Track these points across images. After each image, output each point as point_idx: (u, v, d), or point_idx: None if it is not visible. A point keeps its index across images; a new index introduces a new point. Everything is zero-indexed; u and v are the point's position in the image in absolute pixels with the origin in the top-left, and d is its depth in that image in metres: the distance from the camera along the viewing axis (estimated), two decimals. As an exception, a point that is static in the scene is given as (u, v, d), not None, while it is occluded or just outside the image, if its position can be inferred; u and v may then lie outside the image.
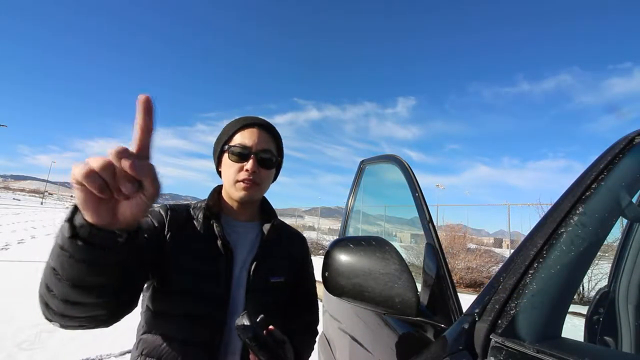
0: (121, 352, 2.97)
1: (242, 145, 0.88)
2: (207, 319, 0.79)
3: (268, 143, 0.91)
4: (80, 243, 0.47)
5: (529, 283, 0.53)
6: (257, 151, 0.88)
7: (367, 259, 0.81)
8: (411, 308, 0.75)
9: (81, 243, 0.47)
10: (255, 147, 0.88)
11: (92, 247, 0.48)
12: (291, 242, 0.99)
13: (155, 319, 0.80)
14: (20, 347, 2.89)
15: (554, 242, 0.55)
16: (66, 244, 0.48)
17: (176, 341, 0.77)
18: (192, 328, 0.78)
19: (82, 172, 0.42)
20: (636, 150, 0.63)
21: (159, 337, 0.79)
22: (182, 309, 0.78)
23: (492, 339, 0.49)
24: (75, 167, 0.43)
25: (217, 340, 0.79)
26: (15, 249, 7.58)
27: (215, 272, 0.82)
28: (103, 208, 0.46)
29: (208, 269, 0.81)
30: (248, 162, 0.87)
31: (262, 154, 0.88)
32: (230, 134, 0.91)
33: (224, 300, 0.81)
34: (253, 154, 0.87)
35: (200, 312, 0.79)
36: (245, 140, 0.88)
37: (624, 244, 1.18)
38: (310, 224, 22.58)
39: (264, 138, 0.90)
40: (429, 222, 1.03)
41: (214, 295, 0.80)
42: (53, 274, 0.51)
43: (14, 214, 20.31)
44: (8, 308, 3.74)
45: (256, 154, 0.87)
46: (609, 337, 1.10)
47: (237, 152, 0.88)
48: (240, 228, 0.91)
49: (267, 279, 0.87)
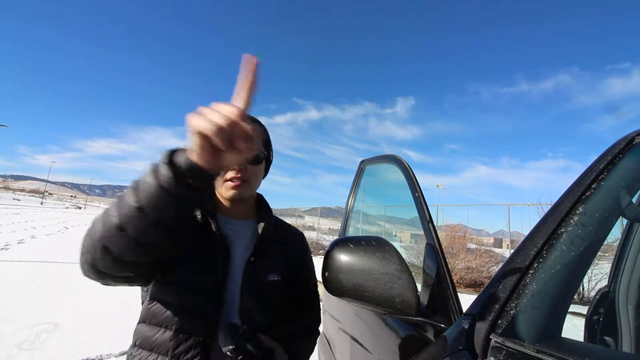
0: (121, 352, 2.97)
1: None
2: (201, 312, 0.79)
3: None
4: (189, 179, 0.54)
5: (529, 283, 0.53)
6: None
7: (367, 259, 0.81)
8: (411, 308, 0.75)
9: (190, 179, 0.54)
10: None
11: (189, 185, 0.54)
12: (289, 239, 0.98)
13: (151, 310, 0.80)
14: (20, 347, 2.88)
15: (554, 242, 0.55)
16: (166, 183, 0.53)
17: (169, 332, 0.77)
18: (186, 320, 0.78)
19: (211, 126, 0.48)
20: (636, 150, 0.63)
21: (152, 327, 0.79)
22: (178, 300, 0.79)
23: (492, 339, 0.49)
24: (200, 120, 0.48)
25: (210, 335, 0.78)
26: (15, 249, 7.58)
27: (212, 267, 0.82)
28: (217, 156, 0.52)
29: (205, 263, 0.81)
30: None
31: None
32: None
33: (219, 296, 0.81)
34: None
35: (194, 305, 0.79)
36: None
37: (624, 244, 1.18)
38: (310, 224, 22.56)
39: None
40: (429, 222, 1.03)
41: (209, 290, 0.80)
42: (117, 232, 0.56)
43: (14, 214, 20.31)
44: (8, 308, 3.74)
45: None
46: (609, 337, 1.10)
47: None
48: (235, 226, 0.91)
49: (264, 278, 0.86)
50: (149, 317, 0.80)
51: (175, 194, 0.54)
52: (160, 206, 0.55)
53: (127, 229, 0.56)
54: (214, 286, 0.81)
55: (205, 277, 0.81)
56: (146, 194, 0.55)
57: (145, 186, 0.55)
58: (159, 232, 0.58)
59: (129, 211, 0.56)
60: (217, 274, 0.82)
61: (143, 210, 0.55)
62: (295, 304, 0.95)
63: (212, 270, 0.82)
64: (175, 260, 0.80)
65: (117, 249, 0.58)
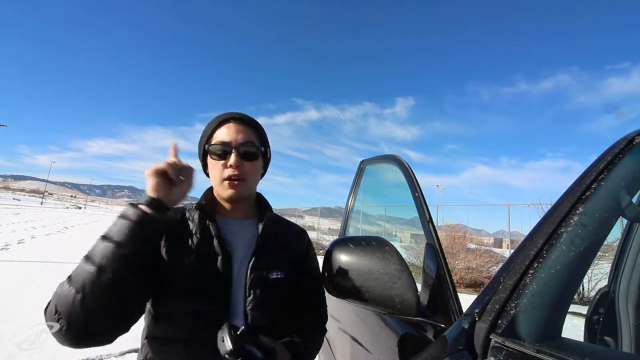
0: (121, 352, 2.97)
1: (221, 142, 0.87)
2: (208, 318, 0.78)
3: (248, 135, 0.89)
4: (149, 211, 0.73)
5: (529, 283, 0.53)
6: (238, 145, 0.86)
7: (367, 259, 0.81)
8: (411, 308, 0.75)
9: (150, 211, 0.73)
10: (235, 141, 0.87)
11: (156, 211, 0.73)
12: (289, 236, 0.97)
13: (157, 322, 0.80)
14: (20, 347, 2.88)
15: (554, 242, 0.55)
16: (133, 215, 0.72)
17: (179, 342, 0.77)
18: (194, 328, 0.77)
19: (165, 166, 0.76)
20: (636, 150, 0.63)
21: (161, 340, 0.78)
22: (183, 309, 0.78)
23: (492, 339, 0.49)
24: (158, 163, 0.76)
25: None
26: (15, 249, 7.58)
27: (215, 271, 0.81)
28: (167, 190, 0.77)
29: (207, 268, 0.81)
30: (230, 158, 0.85)
31: (243, 147, 0.87)
32: (208, 133, 0.90)
33: (225, 300, 0.80)
34: (234, 149, 0.86)
35: (200, 312, 0.78)
36: (224, 137, 0.87)
37: (624, 244, 1.18)
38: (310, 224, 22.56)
39: (243, 131, 0.89)
40: (429, 222, 1.03)
41: (214, 295, 0.80)
42: (96, 273, 0.66)
43: (14, 214, 20.31)
44: (8, 308, 3.74)
45: (237, 148, 0.86)
46: (609, 337, 1.10)
47: (217, 150, 0.87)
48: (236, 226, 0.90)
49: (266, 276, 0.85)
50: (156, 331, 0.80)
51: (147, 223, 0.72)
52: (133, 237, 0.70)
53: (107, 269, 0.67)
54: (218, 290, 0.80)
55: (208, 282, 0.80)
56: (120, 230, 0.70)
57: (118, 227, 0.70)
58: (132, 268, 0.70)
59: (106, 251, 0.68)
60: (220, 277, 0.81)
61: (120, 244, 0.68)
62: (299, 301, 0.93)
63: (215, 275, 0.81)
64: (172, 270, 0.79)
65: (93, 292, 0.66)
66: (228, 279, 0.82)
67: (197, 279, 0.79)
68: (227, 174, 0.86)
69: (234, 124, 0.89)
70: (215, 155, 0.87)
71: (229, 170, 0.85)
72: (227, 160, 0.86)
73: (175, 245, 0.82)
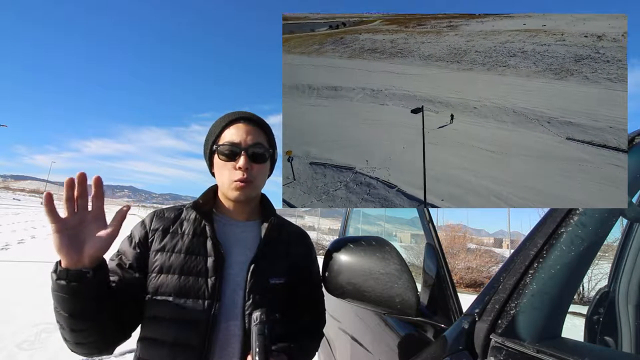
0: (121, 353, 2.96)
1: (230, 142, 0.84)
2: (195, 321, 0.77)
3: (258, 136, 0.87)
4: (62, 282, 0.65)
5: (529, 283, 0.52)
6: (248, 147, 0.84)
7: (367, 259, 0.80)
8: (411, 308, 0.75)
9: (63, 282, 0.65)
10: (245, 142, 0.84)
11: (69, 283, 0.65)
12: (292, 240, 0.95)
13: (147, 323, 0.80)
14: (20, 347, 2.89)
15: (554, 242, 0.55)
16: (53, 286, 0.67)
17: (166, 345, 0.76)
18: (181, 331, 0.76)
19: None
20: (636, 150, 0.63)
21: (151, 342, 0.78)
22: (169, 312, 0.77)
23: (492, 339, 0.49)
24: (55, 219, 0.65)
25: (207, 344, 0.76)
26: (15, 249, 7.58)
27: (205, 272, 0.80)
28: (73, 250, 0.65)
29: (196, 269, 0.80)
30: (239, 160, 0.83)
31: (252, 149, 0.84)
32: (217, 133, 0.88)
33: (215, 302, 0.78)
34: (243, 150, 0.83)
35: (187, 315, 0.77)
36: (233, 137, 0.85)
37: (624, 244, 1.18)
38: (310, 224, 22.53)
39: (253, 132, 0.87)
40: (429, 222, 1.03)
41: (203, 297, 0.78)
42: (56, 311, 0.69)
43: (14, 214, 20.30)
44: (8, 308, 3.74)
45: (247, 150, 0.84)
46: (609, 337, 1.10)
47: (226, 151, 0.84)
48: (238, 228, 0.89)
49: (267, 281, 0.84)
50: (146, 332, 0.80)
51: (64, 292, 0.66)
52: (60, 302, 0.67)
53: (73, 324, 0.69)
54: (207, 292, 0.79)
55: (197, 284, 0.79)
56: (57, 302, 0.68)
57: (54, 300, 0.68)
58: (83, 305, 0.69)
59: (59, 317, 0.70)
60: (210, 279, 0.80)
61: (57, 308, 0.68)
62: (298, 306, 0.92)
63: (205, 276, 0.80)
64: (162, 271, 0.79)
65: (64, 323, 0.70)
66: (219, 280, 0.80)
67: (185, 280, 0.79)
68: (236, 177, 0.83)
69: (244, 125, 0.87)
70: (224, 156, 0.85)
71: (238, 172, 0.83)
72: (236, 162, 0.83)
73: (165, 246, 0.82)
